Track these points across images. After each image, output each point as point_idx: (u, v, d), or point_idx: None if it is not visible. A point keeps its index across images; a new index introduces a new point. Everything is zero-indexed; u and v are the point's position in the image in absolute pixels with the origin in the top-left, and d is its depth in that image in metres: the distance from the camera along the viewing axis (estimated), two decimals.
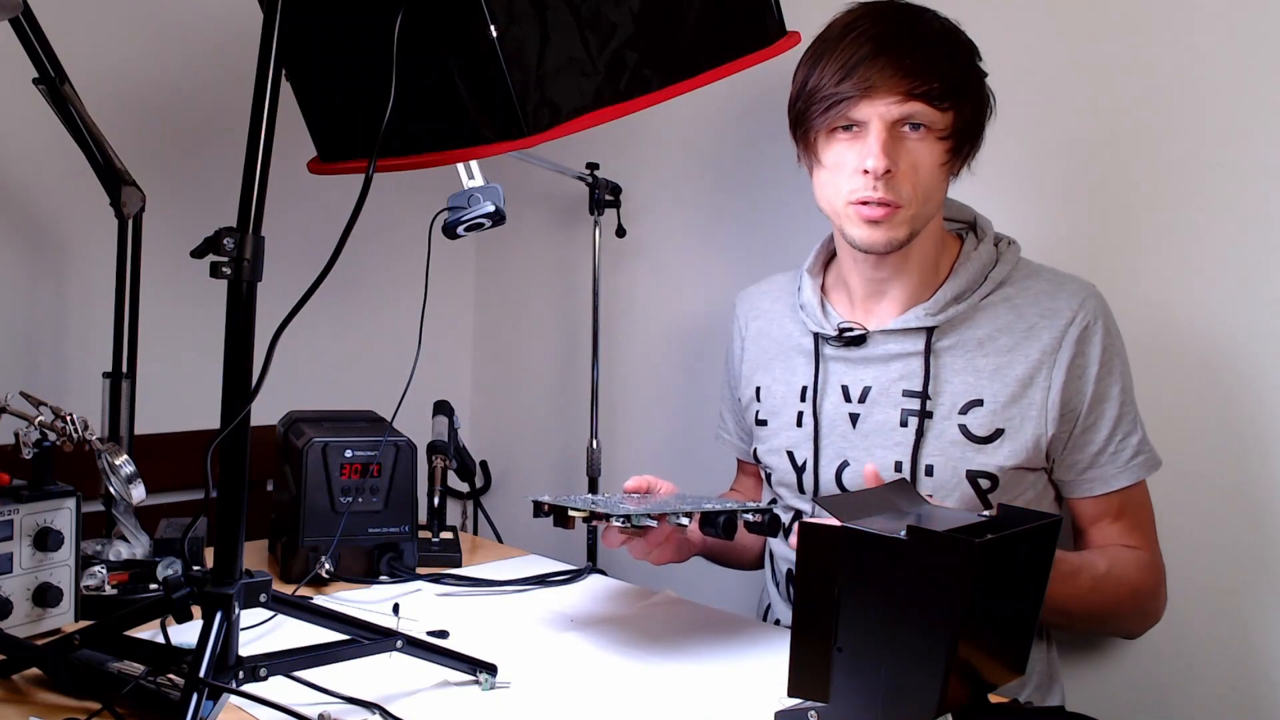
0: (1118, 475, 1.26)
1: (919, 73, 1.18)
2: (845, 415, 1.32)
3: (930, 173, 1.22)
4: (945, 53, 1.21)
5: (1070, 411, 1.24)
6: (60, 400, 1.22)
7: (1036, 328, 1.25)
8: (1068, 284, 1.28)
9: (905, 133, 1.20)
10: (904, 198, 1.21)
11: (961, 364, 1.27)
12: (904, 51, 1.18)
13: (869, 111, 1.19)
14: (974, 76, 1.25)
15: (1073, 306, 1.25)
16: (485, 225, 1.25)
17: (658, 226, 2.00)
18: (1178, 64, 1.39)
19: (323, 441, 1.41)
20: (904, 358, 1.29)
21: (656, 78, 1.17)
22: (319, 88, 1.28)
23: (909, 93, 1.18)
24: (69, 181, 1.60)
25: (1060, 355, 1.24)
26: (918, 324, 1.28)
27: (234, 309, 0.93)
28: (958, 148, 1.24)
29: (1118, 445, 1.26)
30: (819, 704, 0.89)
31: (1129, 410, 1.27)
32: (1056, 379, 1.23)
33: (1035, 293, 1.27)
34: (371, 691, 1.01)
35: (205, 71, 1.82)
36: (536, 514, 1.15)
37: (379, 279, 2.08)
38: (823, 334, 1.34)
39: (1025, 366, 1.24)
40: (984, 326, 1.27)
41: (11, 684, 1.03)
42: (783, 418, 1.38)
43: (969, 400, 1.25)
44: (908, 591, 0.83)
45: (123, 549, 1.36)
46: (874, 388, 1.30)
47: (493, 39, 1.01)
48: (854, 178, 1.21)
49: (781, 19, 1.35)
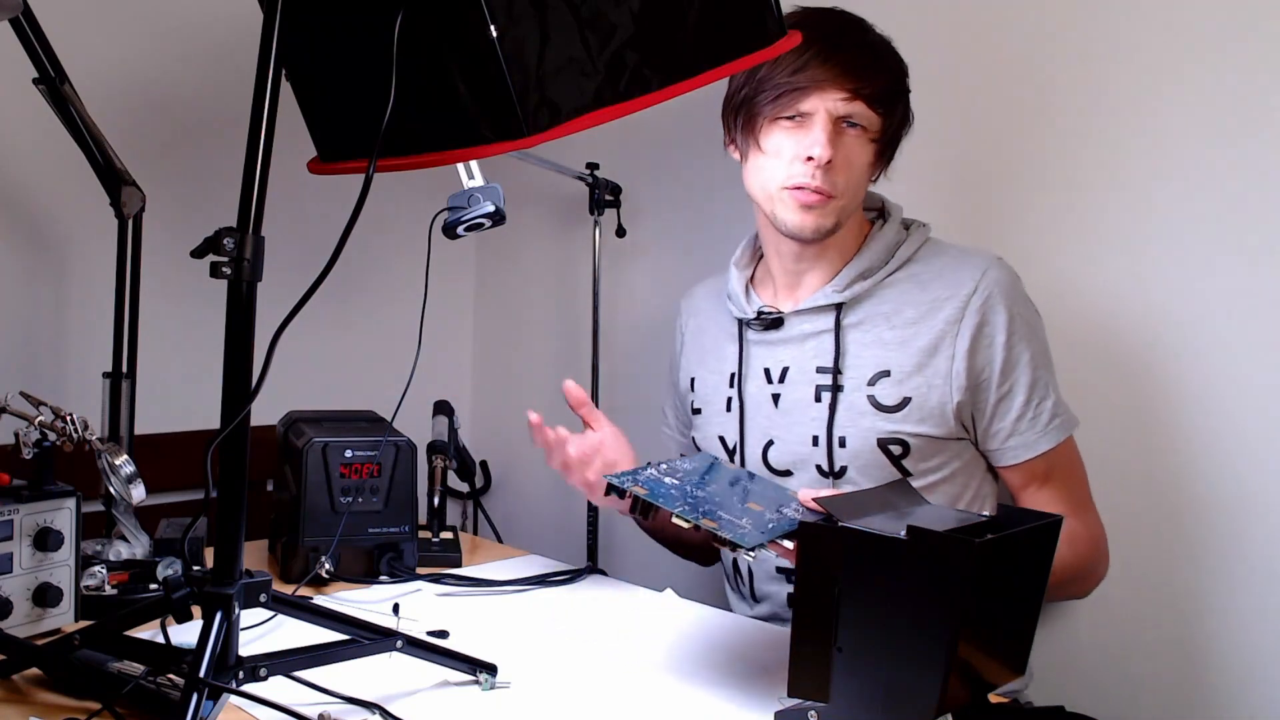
0: (1039, 439, 1.29)
1: (865, 75, 1.27)
2: (768, 396, 1.38)
3: (861, 170, 1.30)
4: (886, 63, 1.31)
5: (982, 380, 1.28)
6: (60, 400, 1.22)
7: (940, 299, 1.30)
8: (972, 257, 1.33)
9: (845, 129, 1.28)
10: (838, 189, 1.28)
11: (870, 338, 1.32)
12: (854, 54, 1.27)
13: (817, 104, 1.27)
14: (903, 89, 1.33)
15: (975, 277, 1.29)
16: (485, 225, 1.25)
17: (658, 226, 2.00)
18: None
19: (323, 441, 1.41)
20: (816, 336, 1.35)
21: (656, 78, 1.17)
22: (319, 88, 1.28)
23: (855, 91, 1.27)
24: (69, 181, 1.61)
25: (964, 324, 1.28)
26: (826, 301, 1.34)
27: (234, 309, 0.93)
28: (883, 151, 1.33)
29: (1035, 410, 1.29)
30: (819, 704, 0.89)
31: (1043, 375, 1.30)
32: (960, 346, 1.27)
33: (939, 267, 1.33)
34: (371, 691, 1.01)
35: (205, 71, 1.82)
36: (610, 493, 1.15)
37: (379, 279, 2.08)
38: (745, 319, 1.41)
39: (930, 336, 1.29)
40: (890, 301, 1.32)
41: (11, 684, 1.03)
42: (715, 405, 1.45)
43: (877, 372, 1.30)
44: (908, 591, 0.83)
45: (123, 549, 1.36)
46: (791, 367, 1.36)
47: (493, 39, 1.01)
48: (794, 164, 1.28)
49: (781, 19, 1.35)
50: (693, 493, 1.08)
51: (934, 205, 1.52)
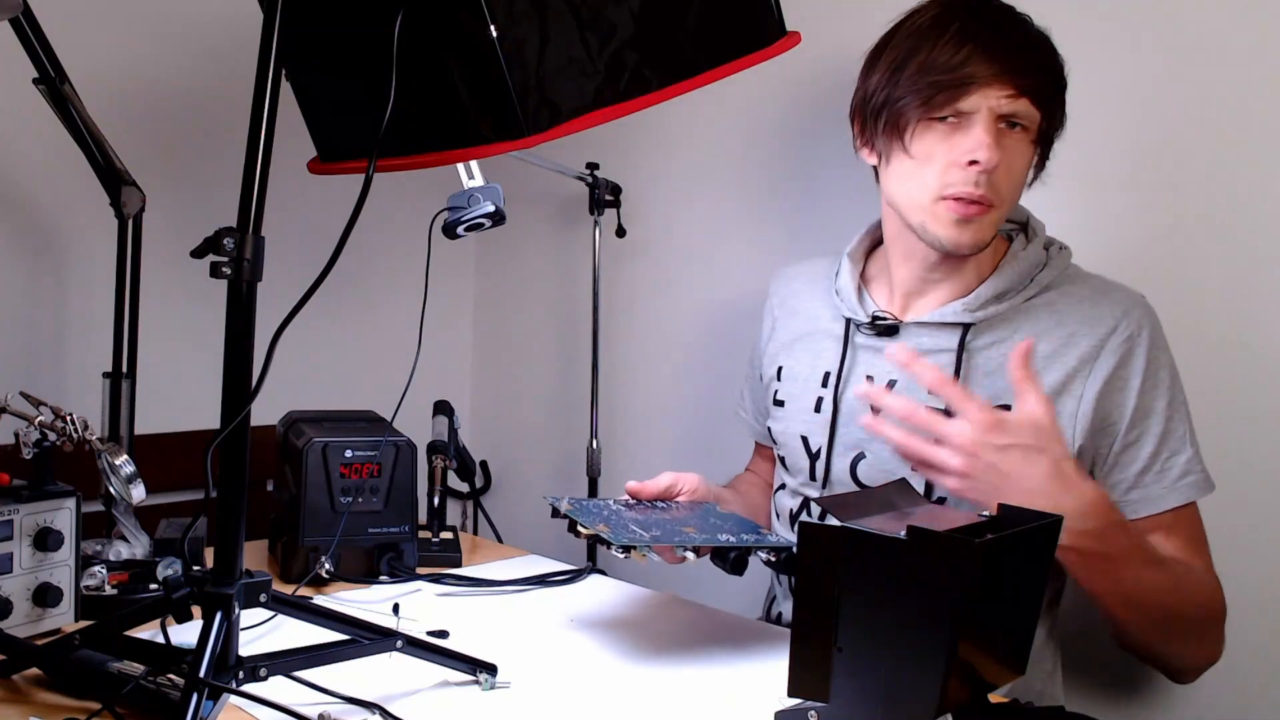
0: (1165, 495, 1.19)
1: (1029, 70, 1.16)
2: (868, 406, 1.24)
3: (1021, 174, 1.19)
4: (1046, 56, 1.20)
5: (1108, 425, 1.19)
6: (60, 400, 1.22)
7: (1076, 335, 1.20)
8: (1114, 292, 1.23)
9: (1005, 130, 1.17)
10: (1000, 197, 1.17)
11: (994, 366, 1.22)
12: (1016, 47, 1.16)
13: (979, 102, 1.15)
14: (1063, 85, 1.22)
15: (1116, 315, 1.20)
16: (485, 225, 1.25)
17: (658, 226, 2.00)
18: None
19: (323, 441, 1.41)
20: (936, 354, 1.24)
21: (656, 78, 1.17)
22: (319, 88, 1.28)
23: (1021, 88, 1.15)
24: (69, 181, 1.60)
25: (1098, 365, 1.19)
26: (955, 319, 1.24)
27: (234, 309, 0.93)
28: (1042, 153, 1.22)
29: (1164, 464, 1.19)
30: (819, 704, 0.89)
31: (1177, 427, 1.20)
32: (1091, 389, 1.18)
33: (1079, 299, 1.22)
34: (371, 691, 1.01)
35: (205, 71, 1.82)
36: (555, 515, 1.17)
37: (379, 279, 2.08)
38: (855, 320, 1.31)
39: (1060, 374, 1.19)
40: (1024, 330, 1.22)
41: (11, 684, 1.03)
42: (801, 401, 1.35)
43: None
44: (908, 591, 0.83)
45: (123, 549, 1.36)
46: (901, 380, 1.26)
47: (493, 39, 1.01)
48: (950, 171, 1.17)
49: (781, 19, 1.35)
50: (619, 515, 1.18)
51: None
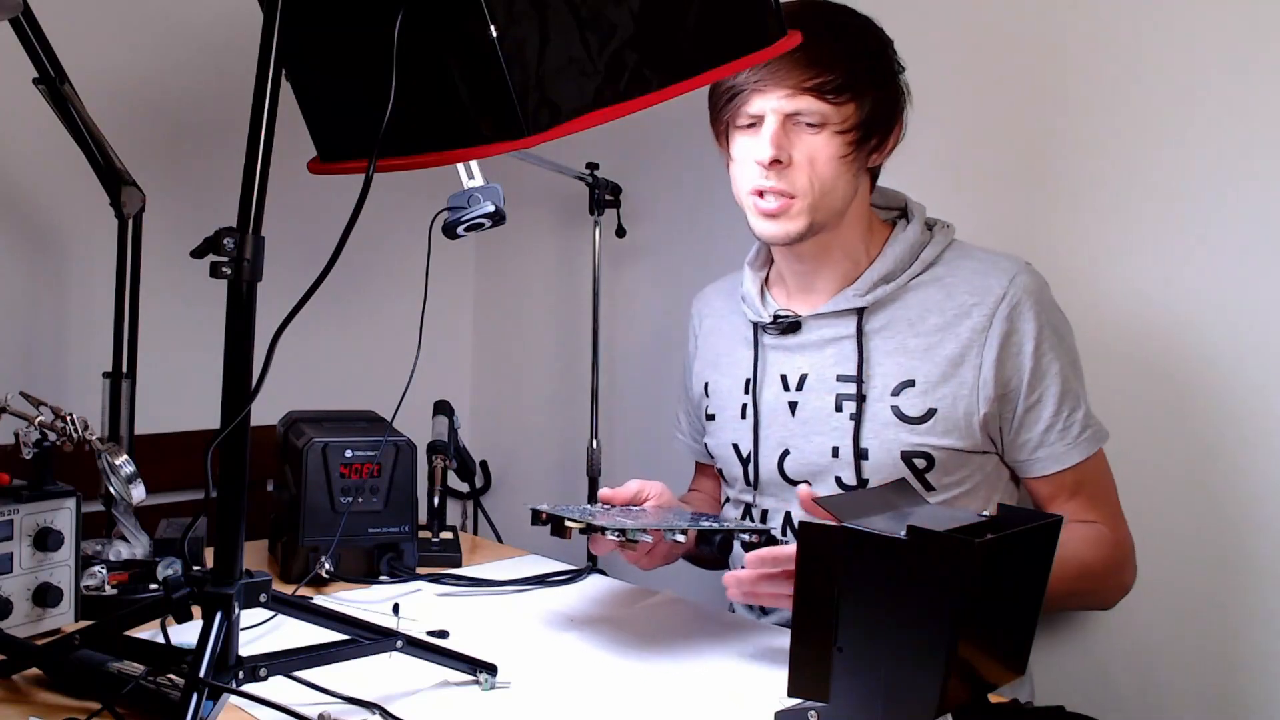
0: (1068, 452, 1.26)
1: (810, 68, 1.21)
2: (785, 404, 1.34)
3: (828, 165, 1.24)
4: (846, 48, 1.24)
5: (1009, 390, 1.25)
6: (60, 400, 1.22)
7: (967, 306, 1.26)
8: (1000, 262, 1.28)
9: (801, 126, 1.23)
10: (799, 188, 1.24)
11: (893, 345, 1.28)
12: (798, 48, 1.20)
13: (762, 105, 1.23)
14: (881, 70, 1.27)
15: (1003, 284, 1.25)
16: (485, 225, 1.25)
17: (658, 226, 2.00)
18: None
19: (323, 441, 1.41)
20: (837, 341, 1.31)
21: (656, 78, 1.17)
22: (319, 87, 1.28)
23: (798, 86, 1.22)
24: (69, 181, 1.60)
25: (991, 333, 1.24)
26: (847, 305, 1.30)
27: (234, 309, 0.93)
28: (862, 139, 1.25)
29: (1065, 421, 1.25)
30: (819, 704, 0.89)
31: (1073, 386, 1.27)
32: (988, 357, 1.24)
33: (967, 272, 1.28)
34: (371, 691, 1.01)
35: (205, 71, 1.82)
36: (535, 522, 1.17)
37: (379, 279, 2.08)
38: (760, 323, 1.37)
39: (956, 345, 1.25)
40: (914, 307, 1.28)
41: (11, 684, 1.03)
42: (729, 411, 1.41)
43: (901, 381, 1.26)
44: (908, 591, 0.83)
45: (123, 549, 1.36)
46: (810, 374, 1.32)
47: (493, 39, 1.01)
48: (750, 168, 1.26)
49: (782, 19, 1.35)
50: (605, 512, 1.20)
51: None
